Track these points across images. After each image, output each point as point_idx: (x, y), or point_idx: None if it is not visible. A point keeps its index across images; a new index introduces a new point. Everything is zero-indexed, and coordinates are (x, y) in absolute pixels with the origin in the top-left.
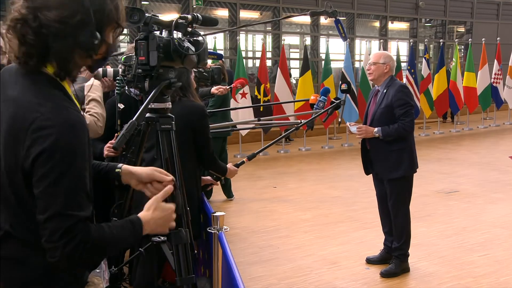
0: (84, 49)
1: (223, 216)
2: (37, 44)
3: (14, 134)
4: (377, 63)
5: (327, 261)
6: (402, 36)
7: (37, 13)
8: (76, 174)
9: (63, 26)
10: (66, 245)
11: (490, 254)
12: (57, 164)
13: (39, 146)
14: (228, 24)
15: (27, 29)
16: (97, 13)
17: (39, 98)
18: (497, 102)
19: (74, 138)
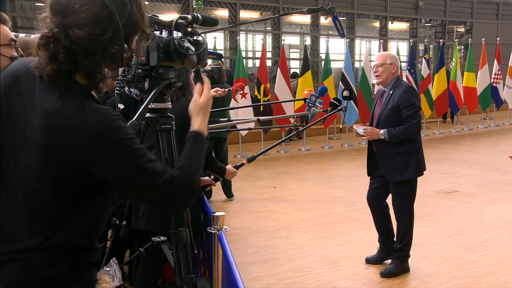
0: (112, 62)
1: (223, 216)
2: (67, 62)
3: (60, 145)
4: (385, 64)
5: (327, 261)
6: (402, 36)
7: (68, 30)
8: (141, 152)
9: (94, 43)
10: (178, 195)
11: (490, 254)
12: (125, 157)
13: (101, 150)
14: (228, 24)
15: (59, 47)
16: (126, 25)
17: (80, 107)
18: (497, 102)
19: (123, 133)
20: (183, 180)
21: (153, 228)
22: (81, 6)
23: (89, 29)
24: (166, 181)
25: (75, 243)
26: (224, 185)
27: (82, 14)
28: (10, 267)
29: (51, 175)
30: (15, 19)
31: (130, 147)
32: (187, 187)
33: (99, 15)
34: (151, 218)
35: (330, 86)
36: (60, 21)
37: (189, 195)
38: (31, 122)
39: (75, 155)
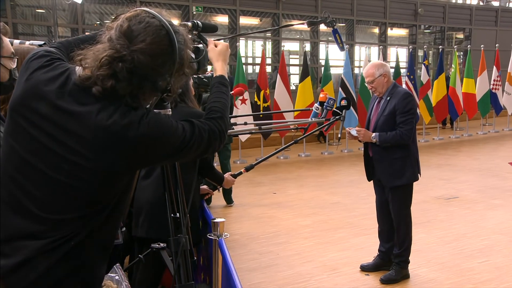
0: (156, 92)
1: (223, 223)
2: (125, 81)
3: (113, 154)
4: (375, 79)
5: (327, 267)
6: (401, 42)
7: (134, 55)
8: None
9: (152, 72)
10: (210, 144)
11: (490, 261)
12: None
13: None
14: (228, 31)
15: (121, 69)
16: (178, 64)
17: (133, 118)
18: (496, 108)
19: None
20: (221, 121)
21: (153, 235)
22: (152, 38)
23: (152, 59)
24: (212, 131)
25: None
26: (225, 191)
27: (149, 45)
28: (17, 265)
29: (98, 179)
30: (16, 26)
31: (176, 137)
32: (225, 124)
33: (164, 49)
34: (151, 225)
35: (330, 92)
36: (128, 44)
37: (226, 129)
38: (74, 130)
39: (129, 160)
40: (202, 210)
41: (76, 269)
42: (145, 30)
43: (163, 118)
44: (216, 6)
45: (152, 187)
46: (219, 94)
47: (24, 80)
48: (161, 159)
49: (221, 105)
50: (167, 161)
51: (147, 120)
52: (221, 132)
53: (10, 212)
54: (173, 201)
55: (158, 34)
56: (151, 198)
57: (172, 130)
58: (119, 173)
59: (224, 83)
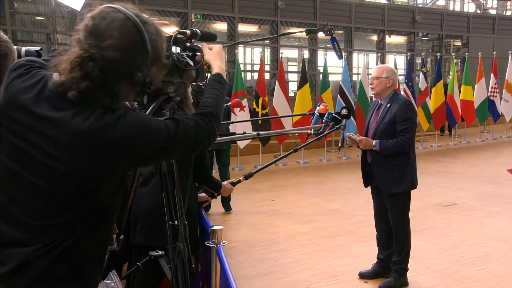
0: (135, 86)
1: (221, 230)
2: (99, 80)
3: (92, 156)
4: (380, 78)
5: (325, 274)
6: (399, 49)
7: (104, 53)
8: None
9: (125, 67)
10: (198, 141)
11: (489, 268)
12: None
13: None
14: (227, 38)
15: (94, 68)
16: (153, 55)
17: (108, 120)
18: (494, 115)
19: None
20: (210, 116)
21: (151, 243)
22: (118, 32)
23: (122, 53)
24: (199, 126)
25: (83, 247)
26: (223, 199)
27: (118, 40)
28: (13, 270)
29: (77, 183)
30: (15, 33)
31: (156, 135)
32: (215, 120)
33: (133, 42)
34: (149, 232)
35: (328, 99)
36: (96, 43)
37: (216, 125)
38: (51, 136)
39: (108, 162)
40: (200, 217)
41: (68, 275)
42: (111, 25)
43: (141, 118)
44: (215, 13)
45: (150, 194)
46: (212, 91)
47: (4, 90)
48: (145, 160)
49: (212, 101)
50: (152, 160)
51: (124, 121)
52: (210, 127)
53: (0, 221)
54: (171, 209)
55: (125, 27)
56: (149, 205)
57: (152, 129)
58: (100, 177)
59: (219, 80)
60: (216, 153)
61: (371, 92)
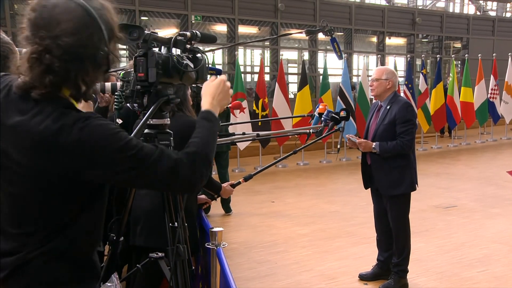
0: (100, 67)
1: (221, 232)
2: (62, 71)
3: (50, 159)
4: (380, 79)
5: (325, 276)
6: (399, 51)
7: (58, 41)
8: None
9: (83, 49)
10: (177, 176)
11: (489, 270)
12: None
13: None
14: (227, 39)
15: (52, 59)
16: (106, 29)
17: (64, 121)
18: (494, 117)
19: (100, 136)
20: (195, 155)
21: (152, 244)
22: (63, 15)
23: (76, 37)
24: (181, 161)
25: (73, 249)
26: (223, 200)
27: (67, 23)
28: (11, 274)
29: (40, 187)
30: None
31: (116, 146)
32: (202, 160)
33: (83, 22)
34: (150, 234)
35: (328, 101)
36: (47, 34)
37: (204, 166)
38: (13, 139)
39: (66, 167)
40: (200, 219)
41: (57, 280)
42: (55, 11)
43: (102, 126)
44: (215, 15)
45: (150, 196)
46: (199, 130)
47: None
48: (107, 172)
49: (199, 141)
50: (118, 177)
51: (81, 125)
52: (194, 166)
53: None
54: (171, 210)
55: (70, 9)
56: (149, 207)
57: (111, 140)
58: (59, 181)
59: (208, 117)
60: (215, 155)
61: (371, 94)
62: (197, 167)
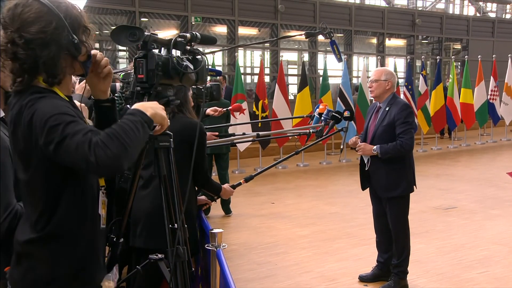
0: (68, 50)
1: (221, 233)
2: (27, 58)
3: (28, 134)
4: (379, 80)
5: (325, 278)
6: (399, 52)
7: (20, 32)
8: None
9: (44, 35)
10: (93, 153)
11: (489, 271)
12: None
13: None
14: (227, 41)
15: (16, 47)
16: (67, 18)
17: (27, 102)
18: (494, 118)
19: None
20: (109, 137)
21: (151, 245)
22: (23, 9)
23: (36, 25)
24: (87, 137)
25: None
26: (223, 201)
27: (25, 15)
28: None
29: (26, 170)
30: None
31: (48, 117)
32: (112, 141)
33: (40, 11)
34: (149, 235)
35: (328, 102)
36: (12, 29)
37: (116, 147)
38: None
39: (32, 146)
40: (200, 220)
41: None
42: (17, 10)
43: (50, 102)
44: (215, 16)
45: (151, 197)
46: (116, 125)
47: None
48: (44, 146)
49: (117, 127)
50: (46, 150)
51: (33, 103)
52: (99, 147)
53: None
54: (171, 212)
55: (27, 4)
56: (149, 208)
57: (53, 113)
58: (25, 161)
59: (132, 111)
60: (215, 156)
61: (371, 95)
62: (102, 144)
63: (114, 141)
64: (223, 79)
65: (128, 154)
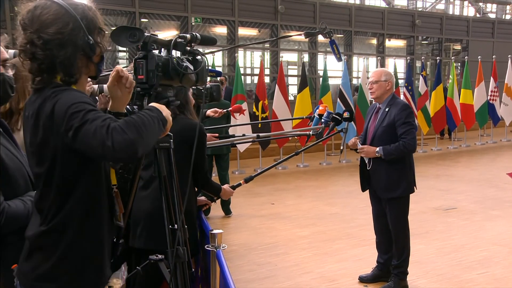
0: (83, 51)
1: (221, 234)
2: (45, 58)
3: (51, 124)
4: (379, 81)
5: (325, 278)
6: (399, 53)
7: (39, 33)
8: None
9: (61, 36)
10: (110, 136)
11: (489, 272)
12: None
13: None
14: (227, 41)
15: (35, 48)
16: (83, 20)
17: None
18: (494, 119)
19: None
20: (124, 126)
21: (152, 246)
22: (42, 11)
23: (54, 26)
24: (107, 126)
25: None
26: (223, 202)
27: (44, 17)
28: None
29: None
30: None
31: (70, 104)
32: (131, 129)
33: (58, 13)
34: (149, 236)
35: (328, 103)
36: (31, 30)
37: (133, 134)
38: (26, 127)
39: (51, 136)
40: (200, 221)
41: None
42: (36, 12)
43: (74, 93)
44: (215, 17)
45: (151, 197)
46: (134, 115)
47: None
48: (66, 132)
49: (138, 118)
50: (67, 138)
51: (56, 94)
52: (116, 131)
53: None
54: (171, 212)
55: (46, 6)
56: (150, 209)
57: (77, 103)
58: (47, 151)
59: (149, 107)
60: (215, 157)
61: (371, 96)
62: (128, 132)
63: (132, 128)
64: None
65: (144, 141)
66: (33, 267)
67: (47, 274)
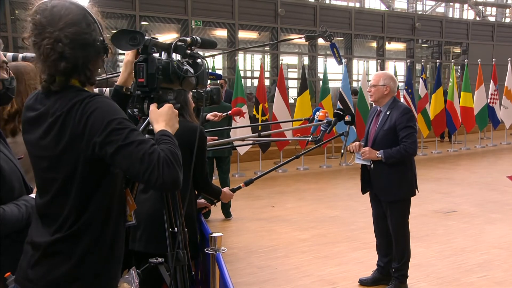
0: (101, 53)
1: (220, 237)
2: (72, 58)
3: (75, 133)
4: (377, 86)
5: (325, 281)
6: (399, 56)
7: (65, 32)
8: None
9: (86, 37)
10: (161, 168)
11: (489, 275)
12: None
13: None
14: (227, 44)
15: (64, 47)
16: (97, 22)
17: (75, 100)
18: (494, 122)
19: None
20: (170, 156)
21: (152, 250)
22: (64, 12)
23: (77, 27)
24: (156, 151)
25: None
26: (223, 205)
27: (67, 17)
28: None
29: (65, 168)
30: (16, 40)
31: (112, 118)
32: (171, 163)
33: (79, 15)
34: (149, 239)
35: (328, 106)
36: (53, 28)
37: (174, 168)
38: (33, 129)
39: (78, 142)
40: (200, 224)
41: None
42: (54, 11)
43: (108, 101)
44: (215, 20)
45: (151, 201)
46: (163, 145)
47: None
48: (98, 138)
49: (167, 151)
50: (102, 143)
51: (89, 100)
52: (168, 161)
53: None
54: (171, 216)
55: (66, 6)
56: (150, 212)
57: (113, 112)
58: (71, 156)
59: (165, 133)
60: (216, 160)
61: (370, 99)
62: (170, 163)
63: (178, 161)
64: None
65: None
66: (44, 273)
67: (60, 280)
